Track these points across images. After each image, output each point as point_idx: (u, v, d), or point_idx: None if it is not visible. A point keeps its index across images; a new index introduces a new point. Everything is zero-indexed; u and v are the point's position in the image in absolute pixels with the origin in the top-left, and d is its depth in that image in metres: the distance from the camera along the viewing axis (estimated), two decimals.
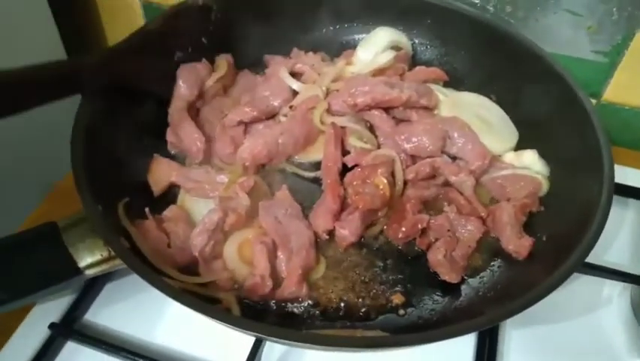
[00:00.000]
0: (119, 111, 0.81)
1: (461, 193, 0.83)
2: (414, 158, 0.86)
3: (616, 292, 0.87)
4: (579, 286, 0.86)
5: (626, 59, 1.03)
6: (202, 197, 0.80)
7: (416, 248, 0.80)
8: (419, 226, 0.79)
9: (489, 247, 0.81)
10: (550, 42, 1.02)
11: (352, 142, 0.86)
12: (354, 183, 0.80)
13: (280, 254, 0.74)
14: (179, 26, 0.90)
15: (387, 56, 0.97)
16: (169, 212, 0.78)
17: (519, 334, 0.81)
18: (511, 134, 0.93)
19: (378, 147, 0.87)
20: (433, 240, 0.79)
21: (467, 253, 0.78)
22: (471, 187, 0.82)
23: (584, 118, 0.82)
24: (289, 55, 1.03)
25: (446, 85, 1.01)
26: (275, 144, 0.84)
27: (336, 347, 0.59)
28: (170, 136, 0.87)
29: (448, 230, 0.79)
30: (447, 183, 0.85)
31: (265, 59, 1.02)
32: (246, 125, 0.88)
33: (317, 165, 0.87)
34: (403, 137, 0.85)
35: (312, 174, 0.87)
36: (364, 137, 0.88)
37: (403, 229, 0.78)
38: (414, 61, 1.05)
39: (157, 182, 0.83)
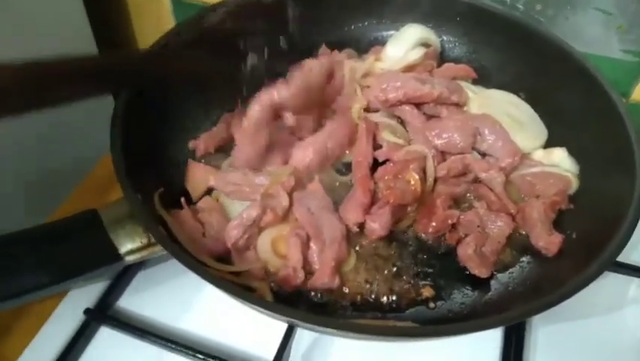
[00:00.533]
0: (157, 101, 0.83)
1: (491, 190, 0.83)
2: (444, 154, 0.87)
3: None
4: (606, 284, 0.86)
5: None
6: (242, 200, 0.79)
7: (445, 243, 0.81)
8: (449, 221, 0.79)
9: (519, 243, 0.81)
10: (579, 41, 1.01)
11: (385, 136, 0.87)
12: (386, 177, 0.81)
13: (313, 245, 0.74)
14: (243, 23, 0.78)
15: (418, 53, 0.97)
16: (203, 203, 0.79)
17: (545, 330, 0.81)
18: (541, 133, 0.93)
19: (409, 142, 0.88)
20: (463, 235, 0.80)
21: (497, 249, 0.78)
22: (501, 184, 0.82)
23: (615, 117, 0.82)
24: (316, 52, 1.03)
25: (474, 82, 1.01)
26: (324, 149, 0.83)
27: (370, 335, 0.60)
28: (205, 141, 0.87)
29: (478, 226, 0.79)
30: (477, 180, 0.86)
31: None
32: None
33: (348, 166, 0.87)
34: (434, 133, 0.86)
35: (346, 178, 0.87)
36: (397, 132, 0.88)
37: (433, 224, 0.79)
38: (442, 58, 1.05)
39: (195, 188, 0.83)
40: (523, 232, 0.82)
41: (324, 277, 0.72)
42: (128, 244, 0.69)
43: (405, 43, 1.00)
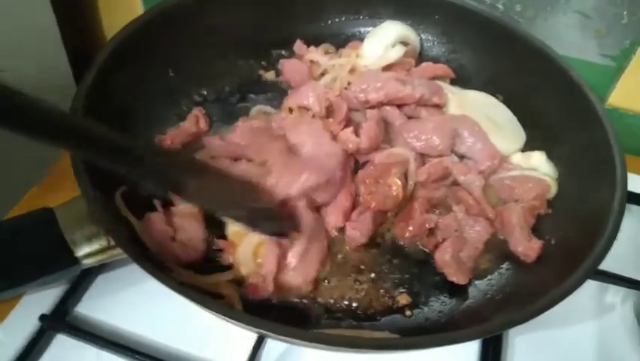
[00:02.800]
0: (120, 93, 0.78)
1: (470, 193, 0.81)
2: (423, 156, 0.84)
3: (619, 299, 0.86)
4: (583, 290, 0.83)
5: (633, 64, 1.02)
6: None
7: (422, 248, 0.78)
8: (427, 225, 0.77)
9: (497, 249, 0.79)
10: (557, 43, 0.99)
11: None
12: (367, 181, 0.78)
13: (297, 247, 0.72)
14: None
15: (398, 52, 0.95)
16: (181, 207, 0.75)
17: (523, 338, 0.80)
18: (519, 135, 0.92)
19: (390, 145, 0.85)
20: (441, 240, 0.77)
21: (475, 255, 0.76)
22: (480, 188, 0.81)
23: (595, 121, 0.81)
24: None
25: (453, 83, 1.00)
26: None
27: (342, 347, 0.57)
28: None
29: (456, 230, 0.77)
30: (455, 183, 0.83)
31: (281, 64, 0.99)
32: None
33: None
34: (412, 135, 0.83)
35: None
36: None
37: (411, 228, 0.77)
38: (420, 57, 1.03)
39: None
40: (502, 237, 0.80)
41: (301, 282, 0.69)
42: (86, 247, 0.64)
43: (383, 40, 0.97)
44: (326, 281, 0.73)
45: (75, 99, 0.70)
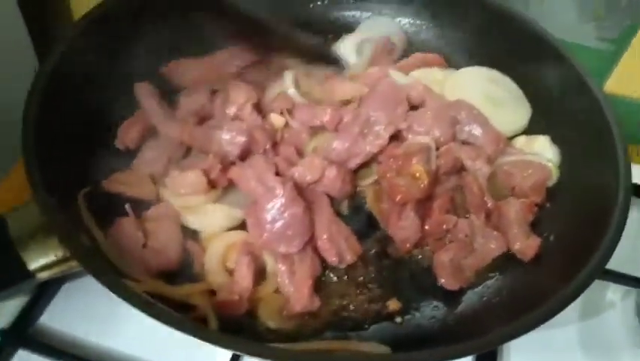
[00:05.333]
0: (77, 94, 0.72)
1: (475, 180, 0.78)
2: None
3: (619, 296, 0.83)
4: None
5: (631, 49, 0.97)
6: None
7: (416, 252, 0.74)
8: (444, 226, 0.75)
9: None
10: (553, 26, 0.95)
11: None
12: (388, 175, 0.74)
13: (280, 265, 0.66)
14: None
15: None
16: (157, 209, 0.71)
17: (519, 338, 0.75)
18: (523, 109, 0.88)
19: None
20: (448, 243, 0.74)
21: (478, 266, 0.72)
22: (485, 175, 0.78)
23: (594, 108, 0.78)
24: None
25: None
26: None
27: None
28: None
29: (466, 235, 0.74)
30: (463, 169, 0.80)
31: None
32: None
33: None
34: (413, 128, 0.79)
35: None
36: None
37: (427, 227, 0.74)
38: (409, 42, 0.98)
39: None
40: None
41: (302, 299, 0.64)
42: (40, 259, 0.58)
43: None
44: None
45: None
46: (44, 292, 0.72)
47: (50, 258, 0.59)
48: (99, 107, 0.77)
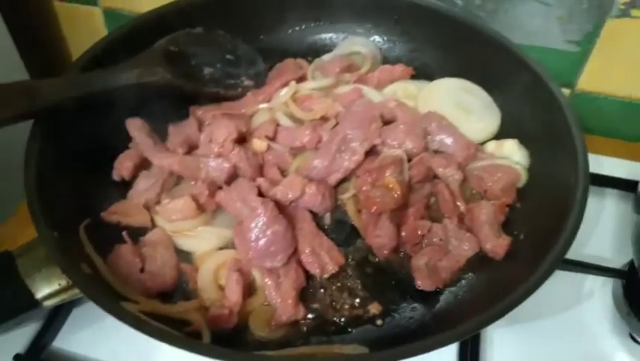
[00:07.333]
0: (74, 131, 0.78)
1: (447, 186, 0.82)
2: None
3: (597, 286, 0.86)
4: (559, 281, 0.83)
5: (597, 47, 1.01)
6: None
7: (395, 258, 0.78)
8: (419, 232, 0.78)
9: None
10: (521, 33, 1.00)
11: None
12: (364, 188, 0.78)
13: (267, 280, 0.71)
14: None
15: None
16: (152, 235, 0.76)
17: (501, 333, 0.79)
18: (493, 116, 0.92)
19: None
20: (424, 247, 0.78)
21: (454, 268, 0.75)
22: (458, 181, 0.82)
23: (555, 108, 0.81)
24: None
25: (418, 79, 0.99)
26: None
27: None
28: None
29: (441, 240, 0.78)
30: (435, 176, 0.84)
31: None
32: None
33: None
34: (388, 141, 0.83)
35: None
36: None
37: (403, 233, 0.77)
38: (384, 58, 1.03)
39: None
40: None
41: (288, 309, 0.68)
42: (45, 288, 0.64)
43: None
44: None
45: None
46: (56, 318, 0.77)
47: (55, 287, 0.64)
48: (98, 142, 0.82)
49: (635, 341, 0.79)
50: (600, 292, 0.85)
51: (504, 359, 0.77)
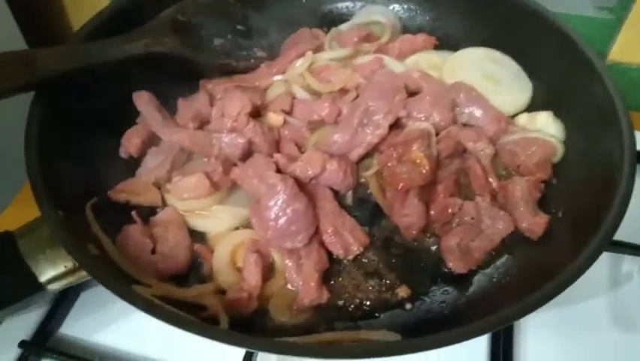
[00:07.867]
0: (78, 106, 0.73)
1: (478, 162, 0.77)
2: None
3: (636, 268, 0.81)
4: (596, 262, 0.79)
5: (632, 15, 0.95)
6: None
7: (424, 238, 0.73)
8: (449, 210, 0.73)
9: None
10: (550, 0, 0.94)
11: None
12: (389, 164, 0.73)
13: (287, 261, 0.67)
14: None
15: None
16: (163, 215, 0.72)
17: (535, 318, 0.75)
18: (524, 87, 0.87)
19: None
20: (455, 226, 0.74)
21: (488, 248, 0.71)
22: (489, 156, 0.78)
23: (594, 77, 0.76)
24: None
25: (441, 49, 0.93)
26: None
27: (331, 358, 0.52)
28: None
29: (473, 218, 0.73)
30: (464, 151, 0.79)
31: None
32: None
33: None
34: (413, 114, 0.79)
35: None
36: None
37: (432, 212, 0.73)
38: (403, 28, 0.97)
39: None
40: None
41: (311, 293, 0.64)
42: (50, 271, 0.60)
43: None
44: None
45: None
46: (62, 302, 0.74)
47: (60, 269, 0.60)
48: (103, 117, 0.77)
49: None
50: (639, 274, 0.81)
51: (538, 344, 0.73)
